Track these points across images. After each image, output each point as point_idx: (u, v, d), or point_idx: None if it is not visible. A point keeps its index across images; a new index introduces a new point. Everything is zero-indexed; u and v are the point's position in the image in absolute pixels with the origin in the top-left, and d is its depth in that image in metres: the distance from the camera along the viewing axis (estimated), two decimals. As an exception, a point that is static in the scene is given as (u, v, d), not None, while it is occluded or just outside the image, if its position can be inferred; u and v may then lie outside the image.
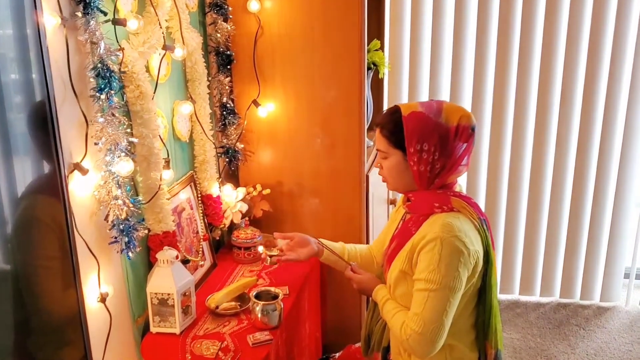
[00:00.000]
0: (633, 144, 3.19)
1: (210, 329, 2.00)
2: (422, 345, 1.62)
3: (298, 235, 2.04)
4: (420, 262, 1.64)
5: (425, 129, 1.64)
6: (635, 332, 3.17)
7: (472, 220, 1.67)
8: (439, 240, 1.60)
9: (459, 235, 1.60)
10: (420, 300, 1.62)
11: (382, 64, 2.75)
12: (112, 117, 1.64)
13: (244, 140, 2.58)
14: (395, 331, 1.70)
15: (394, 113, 1.70)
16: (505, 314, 3.32)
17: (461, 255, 1.60)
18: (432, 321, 1.61)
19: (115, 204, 1.68)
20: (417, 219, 1.73)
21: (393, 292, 1.75)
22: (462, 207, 1.68)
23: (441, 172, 1.67)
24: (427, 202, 1.70)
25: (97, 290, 1.69)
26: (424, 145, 1.64)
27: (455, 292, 1.61)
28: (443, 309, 1.61)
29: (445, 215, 1.66)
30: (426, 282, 1.61)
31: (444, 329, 1.62)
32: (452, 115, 1.65)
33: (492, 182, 3.36)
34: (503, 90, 3.20)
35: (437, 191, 1.70)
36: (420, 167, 1.66)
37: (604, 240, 3.37)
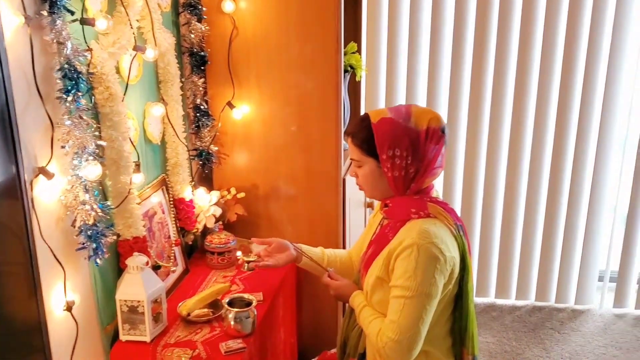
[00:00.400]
0: (607, 148, 3.21)
1: (181, 336, 1.95)
2: (398, 353, 1.61)
3: (276, 241, 2.01)
4: (397, 269, 1.63)
5: (396, 134, 1.63)
6: (608, 335, 3.19)
7: (449, 226, 1.66)
8: (416, 247, 1.59)
9: (436, 242, 1.59)
10: (397, 307, 1.61)
11: (359, 67, 2.73)
12: (80, 119, 1.59)
13: (218, 142, 2.53)
14: (372, 339, 1.68)
15: (363, 121, 1.70)
16: (481, 318, 3.32)
17: (437, 261, 1.59)
18: (409, 329, 1.59)
19: (82, 209, 1.63)
20: (394, 224, 1.72)
21: (370, 298, 1.73)
22: (438, 212, 1.67)
23: (416, 176, 1.66)
24: (404, 208, 1.69)
25: (63, 298, 1.64)
26: (396, 151, 1.63)
27: (432, 298, 1.60)
28: (419, 316, 1.60)
29: (422, 221, 1.65)
30: (402, 289, 1.60)
31: (420, 336, 1.61)
32: (422, 118, 1.65)
33: (468, 186, 3.36)
34: (479, 93, 3.20)
35: (413, 197, 1.69)
36: (395, 172, 1.65)
37: (579, 244, 3.39)
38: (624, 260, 3.37)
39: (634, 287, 3.42)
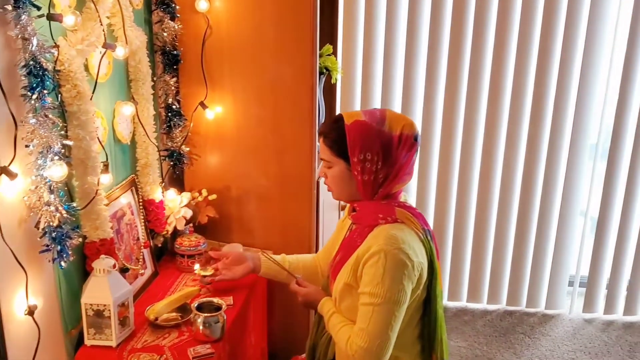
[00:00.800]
0: (578, 155, 3.24)
1: (149, 341, 1.91)
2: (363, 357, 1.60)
3: (233, 253, 2.04)
4: (365, 276, 1.62)
5: (368, 138, 1.62)
6: (578, 340, 3.22)
7: (416, 232, 1.65)
8: (383, 253, 1.58)
9: (403, 248, 1.58)
10: (365, 314, 1.60)
11: (334, 69, 2.71)
12: (45, 118, 1.54)
13: (190, 143, 2.49)
14: (341, 346, 1.66)
15: (336, 122, 1.68)
16: (453, 322, 3.33)
17: (405, 267, 1.58)
18: (378, 336, 1.58)
19: (47, 210, 1.58)
20: (362, 230, 1.71)
21: (339, 305, 1.72)
22: (406, 218, 1.66)
23: (384, 181, 1.65)
24: (372, 213, 1.68)
25: (25, 302, 1.58)
26: (367, 155, 1.62)
27: (400, 305, 1.60)
28: (388, 323, 1.59)
29: (389, 226, 1.64)
30: (370, 296, 1.59)
31: (389, 342, 1.60)
32: (395, 124, 1.63)
33: (441, 191, 3.37)
34: (454, 97, 3.21)
35: (381, 201, 1.68)
36: (364, 176, 1.64)
37: (550, 249, 3.41)
38: (593, 266, 3.40)
39: (603, 293, 3.46)
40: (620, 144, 3.21)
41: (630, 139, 3.19)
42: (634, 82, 3.09)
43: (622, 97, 3.13)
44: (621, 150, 3.21)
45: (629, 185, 3.25)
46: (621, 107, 3.14)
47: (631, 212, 3.29)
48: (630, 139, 3.19)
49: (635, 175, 3.23)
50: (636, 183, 3.24)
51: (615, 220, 3.33)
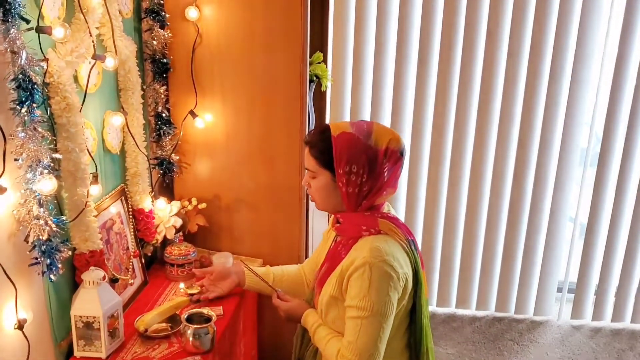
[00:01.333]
0: (568, 161, 3.26)
1: (138, 352, 1.90)
2: None
3: (217, 269, 2.10)
4: (351, 289, 1.62)
5: (355, 150, 1.62)
6: (566, 347, 3.24)
7: (400, 242, 1.66)
8: (368, 266, 1.58)
9: (387, 259, 1.59)
10: (354, 328, 1.61)
11: (324, 77, 2.71)
12: (34, 131, 1.53)
13: (180, 151, 2.49)
14: (330, 359, 1.66)
15: (323, 132, 1.68)
16: (441, 328, 3.34)
17: (390, 279, 1.59)
18: (368, 349, 1.60)
19: (36, 224, 1.57)
20: (346, 242, 1.71)
21: (325, 317, 1.73)
22: (389, 229, 1.66)
23: (368, 194, 1.66)
24: (355, 225, 1.69)
25: (14, 316, 1.58)
26: (353, 167, 1.62)
27: (387, 317, 1.61)
28: (377, 336, 1.60)
29: (373, 238, 1.64)
30: (358, 309, 1.60)
31: (379, 354, 1.62)
32: (382, 137, 1.64)
33: (431, 197, 3.38)
34: (444, 104, 3.22)
35: (364, 213, 1.69)
36: (349, 188, 1.65)
37: (539, 255, 3.43)
38: (582, 272, 3.43)
39: (591, 299, 3.48)
40: (609, 150, 3.23)
41: (620, 144, 3.22)
42: (624, 87, 3.11)
43: (612, 102, 3.15)
44: (611, 156, 3.24)
45: (619, 191, 3.28)
46: (611, 113, 3.17)
47: (620, 218, 3.32)
48: (620, 144, 3.22)
49: (625, 182, 3.26)
50: (625, 189, 3.27)
51: (604, 227, 3.36)
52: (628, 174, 3.25)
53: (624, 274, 3.40)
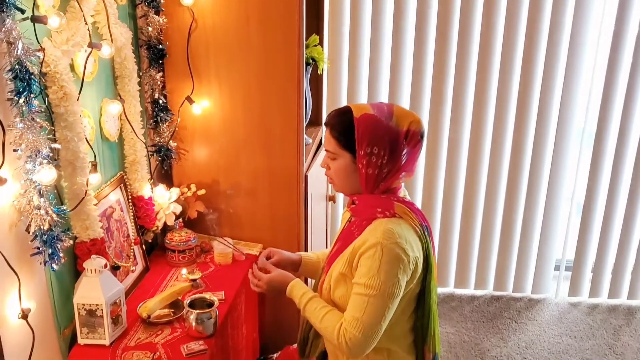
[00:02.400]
0: (565, 140, 3.27)
1: (142, 339, 1.93)
2: (360, 347, 1.63)
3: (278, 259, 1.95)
4: (361, 267, 1.64)
5: (377, 132, 1.62)
6: (564, 324, 3.28)
7: (414, 227, 1.67)
8: (380, 247, 1.60)
9: (400, 242, 1.60)
10: (360, 304, 1.62)
11: (321, 60, 2.70)
12: (33, 121, 1.53)
13: (178, 138, 2.48)
14: (330, 333, 1.68)
15: (344, 114, 1.67)
16: (440, 308, 3.37)
17: (401, 262, 1.60)
18: (372, 326, 1.62)
19: (37, 214, 1.58)
20: (360, 223, 1.72)
21: (332, 293, 1.74)
22: (404, 212, 1.67)
23: (387, 176, 1.66)
24: (371, 207, 1.69)
25: (18, 306, 1.59)
26: (374, 149, 1.62)
27: (394, 298, 1.62)
28: (382, 315, 1.62)
29: (387, 221, 1.65)
30: (366, 287, 1.61)
31: (380, 332, 1.64)
32: (403, 119, 1.64)
33: (429, 177, 3.39)
34: (441, 86, 3.22)
35: (381, 196, 1.69)
36: (369, 170, 1.65)
37: (536, 234, 3.46)
38: (579, 250, 3.45)
39: (588, 276, 3.51)
40: (606, 130, 3.24)
41: (616, 124, 3.22)
42: (620, 66, 3.11)
43: (608, 82, 3.15)
44: (607, 136, 3.25)
45: (615, 170, 3.29)
46: (607, 92, 3.17)
47: (616, 197, 3.34)
48: (616, 124, 3.22)
49: (621, 161, 3.27)
50: (622, 168, 3.29)
51: (600, 205, 3.38)
52: (624, 153, 3.26)
53: (620, 252, 3.43)
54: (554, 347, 3.07)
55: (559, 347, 3.08)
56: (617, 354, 3.04)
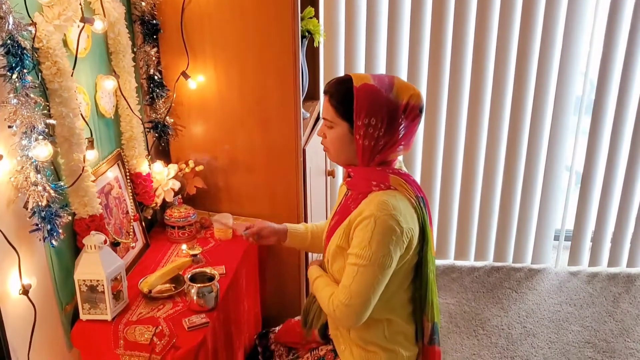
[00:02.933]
0: (563, 109, 3.25)
1: (143, 313, 1.94)
2: (347, 316, 1.66)
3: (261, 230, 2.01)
4: (355, 238, 1.65)
5: (376, 103, 1.61)
6: (563, 292, 3.30)
7: (409, 199, 1.67)
8: (373, 219, 1.61)
9: (394, 214, 1.61)
10: (350, 273, 1.65)
11: (317, 33, 2.68)
12: (27, 97, 1.52)
13: (174, 114, 2.47)
14: (324, 301, 1.72)
15: (344, 82, 1.66)
16: (440, 279, 3.38)
17: (394, 233, 1.61)
18: (359, 295, 1.63)
19: (34, 190, 1.58)
20: (356, 196, 1.73)
21: (330, 266, 1.76)
22: (399, 185, 1.67)
23: (383, 148, 1.66)
24: (366, 180, 1.69)
25: (18, 282, 1.59)
26: (372, 120, 1.61)
27: (385, 269, 1.63)
28: (371, 285, 1.63)
29: (382, 193, 1.66)
30: (357, 257, 1.63)
31: (370, 303, 1.65)
32: (403, 92, 1.63)
33: (428, 149, 3.38)
34: (439, 57, 3.19)
35: (376, 168, 1.69)
36: (365, 141, 1.64)
37: (535, 204, 3.46)
38: (578, 219, 3.46)
39: (587, 245, 3.52)
40: (604, 98, 3.22)
41: (614, 92, 3.21)
42: (618, 34, 3.09)
43: (606, 49, 3.13)
44: (606, 104, 3.23)
45: (613, 139, 3.29)
46: (605, 60, 3.15)
47: (615, 165, 3.33)
48: (614, 92, 3.21)
49: (620, 129, 3.26)
50: (620, 137, 3.28)
51: (599, 174, 3.38)
52: (623, 122, 3.25)
53: (619, 220, 3.44)
54: (554, 315, 3.10)
55: (559, 315, 3.10)
56: (617, 320, 3.06)
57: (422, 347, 1.86)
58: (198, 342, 1.82)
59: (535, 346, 2.87)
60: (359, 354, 1.80)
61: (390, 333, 1.77)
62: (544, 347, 2.87)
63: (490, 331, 2.97)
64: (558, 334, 2.96)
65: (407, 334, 1.83)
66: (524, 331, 2.98)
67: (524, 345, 2.88)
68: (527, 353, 2.83)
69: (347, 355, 1.83)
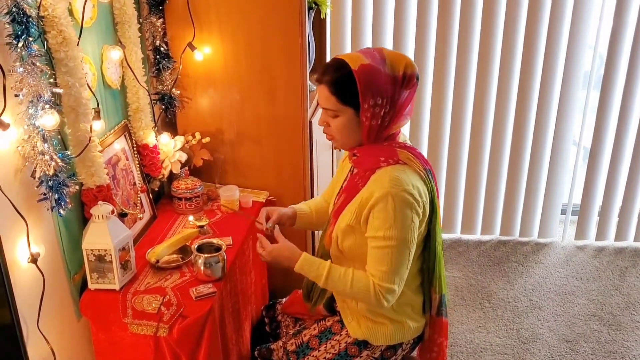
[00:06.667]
0: (572, 84, 3.22)
1: (151, 283, 1.95)
2: (393, 297, 1.68)
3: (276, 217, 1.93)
4: (374, 220, 1.64)
5: (379, 82, 1.58)
6: (570, 266, 3.30)
7: (418, 172, 1.67)
8: (390, 197, 1.60)
9: (408, 189, 1.61)
10: (384, 257, 1.64)
11: (323, 4, 2.65)
12: (33, 66, 1.52)
13: (180, 86, 2.46)
14: (364, 294, 1.68)
15: (341, 67, 1.61)
16: (447, 253, 3.39)
17: (412, 206, 1.62)
18: (401, 274, 1.67)
19: (41, 159, 1.58)
20: (363, 174, 1.71)
21: (341, 243, 1.75)
22: (407, 159, 1.66)
23: (389, 124, 1.65)
24: (373, 156, 1.68)
25: (27, 250, 1.61)
26: (378, 100, 1.59)
27: (413, 242, 1.66)
28: (406, 260, 1.66)
29: (391, 168, 1.65)
30: (385, 239, 1.62)
31: (405, 278, 1.69)
32: (397, 63, 1.61)
33: (435, 124, 3.36)
34: (446, 31, 3.16)
35: (382, 144, 1.68)
36: (373, 121, 1.62)
37: (543, 179, 3.44)
38: (586, 194, 3.45)
39: (595, 220, 3.51)
40: (613, 73, 3.18)
41: (623, 67, 3.17)
42: (629, 8, 3.04)
43: (616, 23, 3.08)
44: (614, 79, 3.20)
45: (622, 114, 3.25)
46: (615, 34, 3.10)
47: (623, 140, 3.30)
48: (623, 67, 3.17)
49: (628, 104, 3.23)
50: (629, 112, 3.24)
51: (607, 149, 3.35)
52: (632, 97, 3.21)
53: (627, 194, 3.42)
54: (560, 289, 3.10)
55: (565, 288, 3.11)
56: (623, 294, 3.07)
57: (429, 319, 1.87)
58: (205, 312, 1.84)
59: (541, 319, 2.88)
60: (366, 326, 1.82)
61: (397, 305, 1.78)
62: (549, 320, 2.88)
63: (496, 304, 2.98)
64: (564, 307, 2.97)
65: (415, 306, 1.84)
66: (529, 304, 2.99)
67: (529, 317, 2.89)
68: (533, 325, 2.84)
69: (354, 326, 1.84)
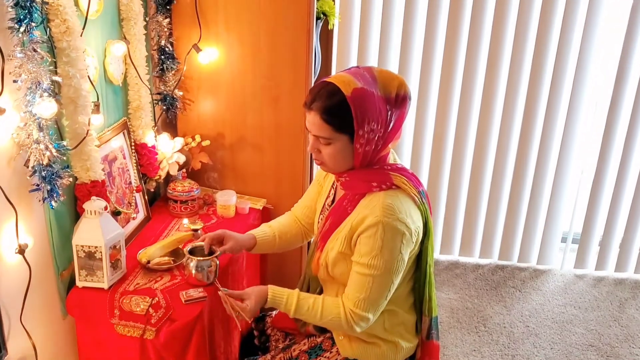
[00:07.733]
0: (577, 111, 3.20)
1: (141, 284, 1.90)
2: (367, 324, 1.64)
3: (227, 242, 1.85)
4: (362, 246, 1.59)
5: (374, 106, 1.51)
6: (568, 294, 3.25)
7: (412, 196, 1.61)
8: (381, 225, 1.55)
9: (401, 217, 1.56)
10: (364, 284, 1.60)
11: (332, 14, 2.64)
12: (34, 52, 1.49)
13: (183, 87, 2.44)
14: (335, 323, 1.65)
15: (334, 94, 1.52)
16: (444, 275, 3.34)
17: (403, 237, 1.57)
18: (378, 302, 1.62)
19: (36, 148, 1.55)
20: (352, 197, 1.65)
21: (332, 270, 1.69)
22: (402, 183, 1.60)
23: (380, 147, 1.59)
24: (365, 181, 1.61)
25: (15, 240, 1.56)
26: (373, 125, 1.52)
27: (398, 273, 1.61)
28: (387, 290, 1.61)
29: (384, 194, 1.59)
30: (369, 267, 1.58)
31: (384, 305, 1.65)
32: (389, 84, 1.55)
33: (437, 145, 3.33)
34: (453, 45, 3.14)
35: (373, 167, 1.62)
36: (367, 147, 1.56)
37: (544, 205, 3.40)
38: (587, 222, 3.40)
39: (595, 249, 3.47)
40: (619, 101, 3.16)
41: (630, 96, 3.14)
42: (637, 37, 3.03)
43: (624, 52, 3.07)
44: (620, 108, 3.17)
45: (627, 143, 3.22)
46: (623, 63, 3.08)
47: (627, 170, 3.27)
48: (630, 96, 3.14)
49: (633, 134, 3.20)
50: (633, 141, 3.21)
51: (610, 178, 3.32)
52: (637, 126, 3.18)
53: (629, 225, 3.37)
54: (557, 317, 3.04)
55: (563, 316, 3.05)
56: (622, 325, 3.01)
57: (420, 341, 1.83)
58: (194, 316, 1.79)
59: (537, 346, 2.82)
60: (357, 345, 1.76)
61: (390, 324, 1.74)
62: (545, 348, 2.82)
63: (491, 328, 2.92)
64: (561, 335, 2.91)
65: (408, 325, 1.79)
66: (526, 330, 2.93)
67: (525, 344, 2.83)
68: (529, 352, 2.78)
69: (344, 344, 1.78)
